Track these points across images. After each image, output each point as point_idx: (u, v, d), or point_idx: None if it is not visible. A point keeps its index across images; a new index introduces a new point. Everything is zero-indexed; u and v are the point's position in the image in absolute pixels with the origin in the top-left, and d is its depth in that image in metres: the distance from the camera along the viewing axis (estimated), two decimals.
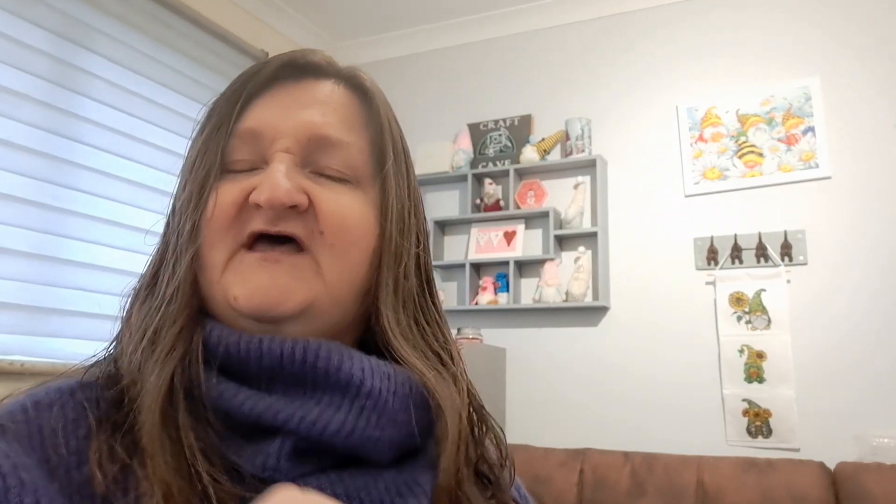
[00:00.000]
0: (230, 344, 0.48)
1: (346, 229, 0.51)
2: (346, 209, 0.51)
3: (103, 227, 2.37)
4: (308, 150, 0.52)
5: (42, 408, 0.44)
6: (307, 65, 0.55)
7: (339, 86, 0.55)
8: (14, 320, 2.10)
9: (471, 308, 3.06)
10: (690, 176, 2.85)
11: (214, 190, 0.50)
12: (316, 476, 0.46)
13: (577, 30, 3.20)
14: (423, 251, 0.57)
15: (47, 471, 0.41)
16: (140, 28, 2.63)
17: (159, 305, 0.49)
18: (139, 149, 2.54)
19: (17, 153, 2.15)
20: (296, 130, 0.51)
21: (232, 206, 0.50)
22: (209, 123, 0.53)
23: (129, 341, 0.49)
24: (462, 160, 3.22)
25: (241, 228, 0.50)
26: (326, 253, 0.50)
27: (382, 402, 0.48)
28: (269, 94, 0.53)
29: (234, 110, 0.52)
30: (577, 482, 2.52)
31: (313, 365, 0.47)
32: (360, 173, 0.53)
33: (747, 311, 2.65)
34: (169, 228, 0.54)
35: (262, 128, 0.52)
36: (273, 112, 0.52)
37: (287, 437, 0.46)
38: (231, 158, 0.52)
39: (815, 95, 2.69)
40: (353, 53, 3.63)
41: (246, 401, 0.46)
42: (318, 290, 0.49)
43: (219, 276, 0.49)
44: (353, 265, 0.51)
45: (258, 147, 0.52)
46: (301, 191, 0.49)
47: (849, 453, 2.36)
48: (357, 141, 0.54)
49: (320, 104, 0.53)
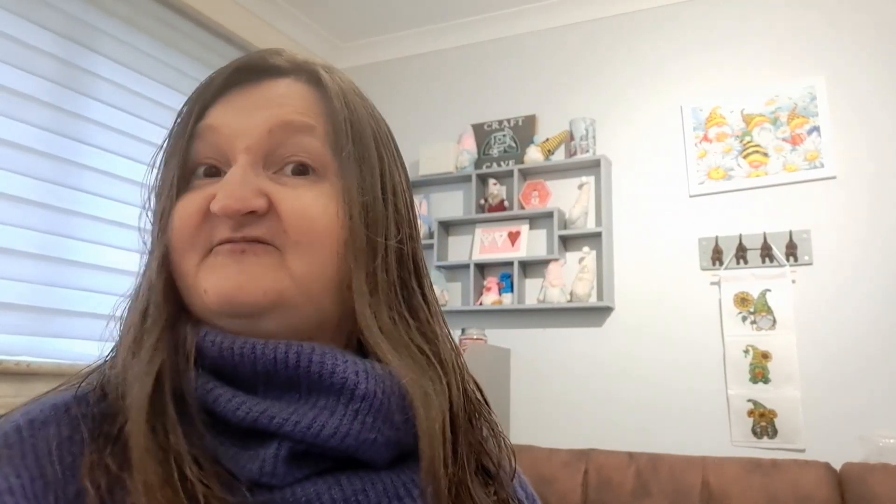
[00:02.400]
0: (224, 349, 0.48)
1: (309, 225, 0.50)
2: (307, 205, 0.50)
3: (108, 227, 2.38)
4: (270, 144, 0.51)
5: (36, 426, 0.44)
6: (264, 67, 0.55)
7: (297, 82, 0.55)
8: (20, 321, 2.11)
9: (475, 308, 3.06)
10: (695, 176, 2.84)
11: (179, 200, 0.50)
12: (313, 480, 0.46)
13: (581, 30, 3.19)
14: (407, 242, 0.55)
15: (41, 487, 0.41)
16: (145, 29, 2.64)
17: (137, 317, 0.50)
18: (144, 150, 2.54)
19: (22, 154, 2.16)
20: (254, 127, 0.51)
21: (196, 216, 0.50)
22: (171, 135, 0.53)
23: (120, 350, 0.49)
24: (466, 161, 3.22)
25: (209, 236, 0.50)
26: (293, 250, 0.49)
27: (378, 404, 0.48)
28: (227, 96, 0.53)
29: (192, 114, 0.52)
30: (582, 483, 2.52)
31: (307, 369, 0.47)
32: (323, 162, 0.52)
33: (752, 312, 2.65)
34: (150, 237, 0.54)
35: (220, 126, 0.51)
36: (230, 112, 0.52)
37: (283, 441, 0.46)
38: (194, 161, 0.52)
39: (820, 95, 2.69)
40: (357, 54, 3.63)
41: (241, 406, 0.46)
42: (286, 282, 0.49)
43: (193, 279, 0.50)
44: (320, 259, 0.50)
45: (218, 156, 0.52)
46: (259, 194, 0.49)
47: (854, 454, 2.35)
48: (317, 126, 0.53)
49: (277, 100, 0.53)
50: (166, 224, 0.50)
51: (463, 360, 0.57)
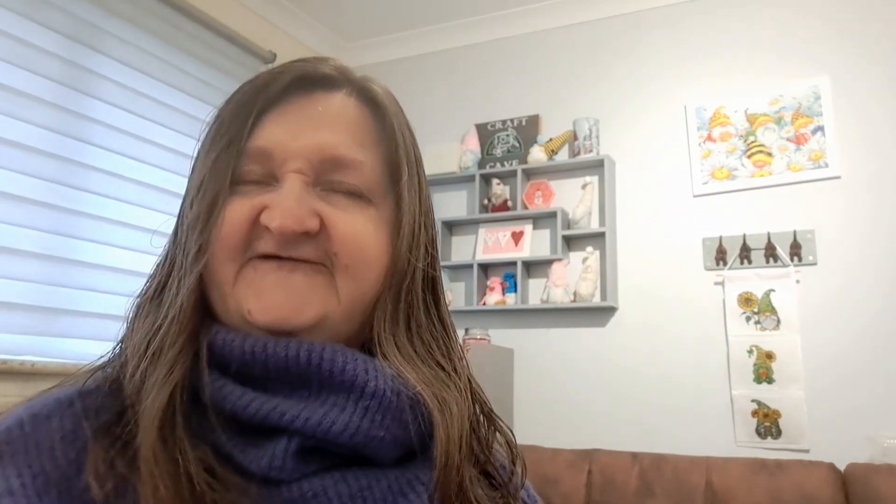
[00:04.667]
0: (235, 348, 0.48)
1: (360, 251, 0.51)
2: (359, 230, 0.51)
3: (113, 227, 2.39)
4: (320, 170, 0.51)
5: (39, 421, 0.44)
6: (319, 78, 0.54)
7: (350, 98, 0.55)
8: (25, 321, 2.12)
9: (478, 308, 3.06)
10: (699, 176, 2.84)
11: (224, 208, 0.50)
12: (320, 475, 0.47)
13: (584, 30, 3.19)
14: (430, 262, 0.56)
15: (43, 483, 0.41)
16: (149, 30, 2.65)
17: (161, 324, 0.49)
18: (149, 150, 2.55)
19: (27, 155, 2.17)
20: (308, 151, 0.51)
21: (243, 224, 0.50)
22: (218, 139, 0.52)
23: (134, 353, 0.49)
24: (470, 160, 3.22)
25: (253, 246, 0.50)
26: (341, 273, 0.50)
27: (387, 402, 0.48)
28: (279, 109, 0.53)
29: (246, 127, 0.51)
30: (586, 483, 2.51)
31: (318, 366, 0.48)
32: (373, 190, 0.53)
33: (756, 312, 2.64)
34: (175, 244, 0.53)
35: (273, 148, 0.51)
36: (284, 131, 0.52)
37: (293, 436, 0.46)
38: (241, 175, 0.51)
39: (824, 95, 2.68)
40: (361, 54, 3.64)
41: (251, 402, 0.46)
42: (333, 305, 0.50)
43: (230, 290, 0.49)
44: (367, 284, 0.51)
45: (269, 166, 0.51)
46: (313, 214, 0.49)
47: (859, 455, 2.34)
48: (370, 159, 0.53)
49: (332, 122, 0.52)
50: (210, 232, 0.50)
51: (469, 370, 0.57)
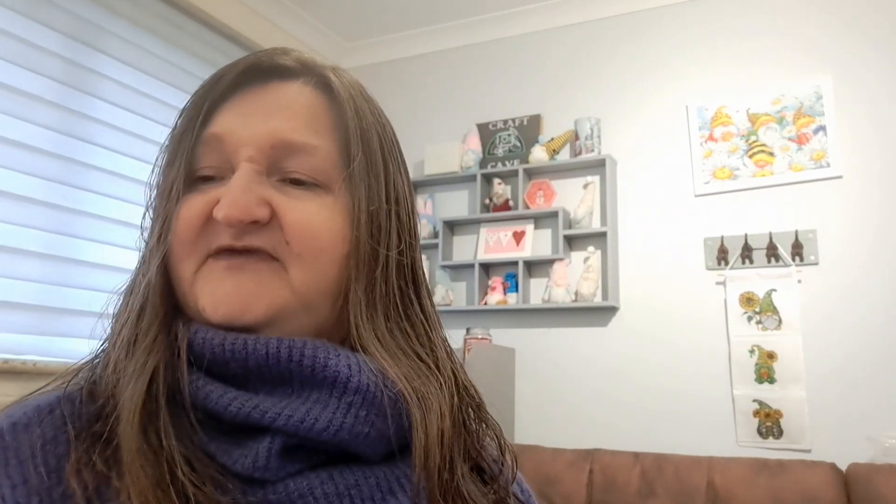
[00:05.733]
0: (215, 345, 0.47)
1: (312, 238, 0.50)
2: (311, 217, 0.50)
3: (114, 227, 2.39)
4: (272, 157, 0.51)
5: (19, 429, 0.44)
6: (273, 67, 0.54)
7: (307, 86, 0.54)
8: (27, 320, 2.12)
9: (480, 308, 3.06)
10: (700, 175, 2.84)
11: (181, 203, 0.50)
12: (305, 474, 0.46)
13: (586, 29, 3.19)
14: (407, 253, 0.55)
15: (24, 494, 0.41)
16: (151, 30, 2.65)
17: (133, 317, 0.49)
18: (150, 149, 2.55)
19: (28, 154, 2.17)
20: (258, 138, 0.50)
21: (197, 219, 0.49)
22: (173, 136, 0.53)
23: (112, 347, 0.49)
24: (471, 160, 3.22)
25: (209, 241, 0.49)
26: (294, 262, 0.49)
27: (371, 397, 0.47)
28: (234, 99, 0.52)
29: (199, 116, 0.52)
30: (587, 483, 2.51)
31: (299, 363, 0.47)
32: (328, 177, 0.52)
33: (758, 312, 2.64)
34: (147, 236, 0.53)
35: (225, 135, 0.51)
36: (236, 119, 0.51)
37: (276, 435, 0.45)
38: (198, 166, 0.51)
39: (826, 94, 2.68)
40: (363, 54, 3.64)
41: (233, 401, 0.46)
42: (285, 296, 0.49)
43: (189, 287, 0.49)
44: (322, 272, 0.50)
45: (221, 159, 0.51)
46: (263, 203, 0.49)
47: (861, 454, 2.34)
48: (324, 144, 0.52)
49: (284, 109, 0.52)
50: (169, 226, 0.50)
51: (460, 364, 0.56)
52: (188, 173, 0.51)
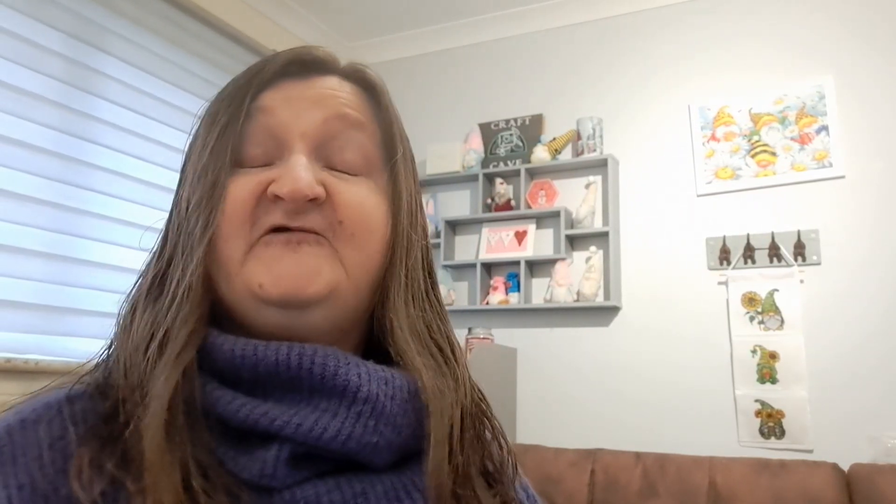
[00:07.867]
0: (225, 351, 0.47)
1: (364, 219, 0.51)
2: (363, 199, 0.52)
3: (117, 226, 2.39)
4: (324, 134, 0.52)
5: (28, 426, 0.43)
6: (313, 61, 0.55)
7: (346, 82, 0.56)
8: (29, 319, 2.13)
9: (482, 308, 3.06)
10: (702, 175, 2.84)
11: (228, 185, 0.50)
12: (313, 482, 0.46)
13: (588, 29, 3.19)
14: (427, 245, 0.58)
15: (29, 494, 0.41)
16: (153, 29, 2.65)
17: (169, 306, 0.48)
18: (152, 149, 2.56)
19: (31, 154, 2.17)
20: (309, 126, 0.52)
21: (250, 198, 0.49)
22: (215, 125, 0.52)
23: (130, 347, 0.48)
24: (473, 160, 3.22)
25: (259, 221, 0.49)
26: (346, 242, 0.50)
27: (380, 407, 0.47)
28: (276, 89, 0.53)
29: (243, 108, 0.52)
30: (589, 482, 2.51)
31: (309, 370, 0.47)
32: (371, 164, 0.54)
33: (760, 312, 2.64)
34: (172, 229, 0.53)
35: (273, 124, 0.52)
36: (285, 105, 0.52)
37: (284, 443, 0.45)
38: (242, 155, 0.51)
39: (828, 94, 2.67)
40: (364, 53, 3.64)
41: (242, 408, 0.45)
42: (341, 276, 0.49)
43: (238, 269, 0.49)
44: (370, 254, 0.52)
45: (271, 143, 0.51)
46: (319, 183, 0.50)
47: (863, 455, 2.34)
48: (368, 125, 0.55)
49: (331, 97, 0.53)
50: (215, 207, 0.49)
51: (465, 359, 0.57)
52: (236, 153, 0.51)
